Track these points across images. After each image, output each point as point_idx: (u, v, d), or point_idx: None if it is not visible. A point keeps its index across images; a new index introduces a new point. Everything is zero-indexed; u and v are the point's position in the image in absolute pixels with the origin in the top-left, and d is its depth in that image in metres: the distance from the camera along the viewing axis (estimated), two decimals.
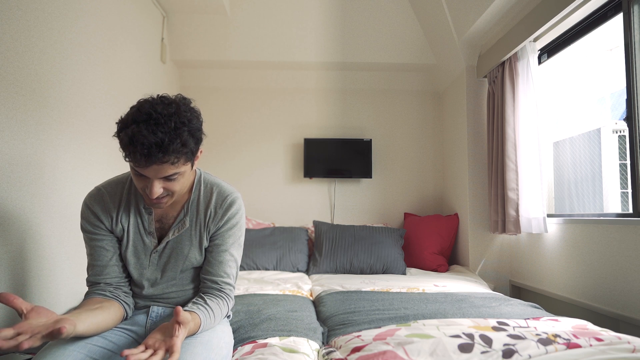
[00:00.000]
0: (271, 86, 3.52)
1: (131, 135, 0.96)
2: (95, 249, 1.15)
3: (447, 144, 3.39)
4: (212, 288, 1.19)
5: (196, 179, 1.22)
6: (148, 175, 1.01)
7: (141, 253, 1.18)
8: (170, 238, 1.18)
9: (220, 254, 1.20)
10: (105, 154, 2.14)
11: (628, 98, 1.87)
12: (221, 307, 1.16)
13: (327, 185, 3.47)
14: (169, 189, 1.05)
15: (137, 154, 0.96)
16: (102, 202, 1.15)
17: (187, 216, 1.19)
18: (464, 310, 1.63)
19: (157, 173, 1.00)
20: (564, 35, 2.30)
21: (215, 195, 1.21)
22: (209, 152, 3.45)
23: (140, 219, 1.17)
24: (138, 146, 0.95)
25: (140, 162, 0.98)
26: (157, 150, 0.96)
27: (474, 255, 2.83)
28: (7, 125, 1.43)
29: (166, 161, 0.99)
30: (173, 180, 1.05)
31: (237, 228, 1.23)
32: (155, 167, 0.99)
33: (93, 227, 1.14)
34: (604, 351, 1.15)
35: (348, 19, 3.24)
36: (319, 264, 2.83)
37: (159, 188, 1.03)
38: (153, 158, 0.97)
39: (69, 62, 1.81)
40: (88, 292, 1.15)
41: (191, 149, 1.04)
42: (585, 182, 2.67)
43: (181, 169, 1.05)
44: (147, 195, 1.04)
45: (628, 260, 1.80)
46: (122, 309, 1.14)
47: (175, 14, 3.09)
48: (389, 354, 1.15)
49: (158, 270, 1.19)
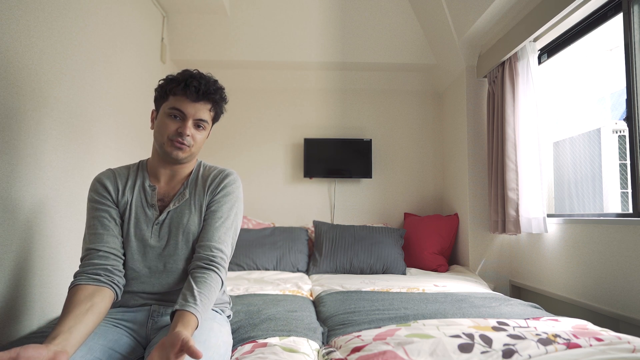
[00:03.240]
0: (271, 86, 3.52)
1: (190, 75, 1.20)
2: (99, 218, 1.19)
3: (447, 144, 3.39)
4: (202, 259, 1.16)
5: (196, 164, 1.34)
6: (188, 113, 1.20)
7: (143, 224, 1.22)
8: (171, 208, 1.24)
9: (216, 220, 1.23)
10: (106, 154, 2.14)
11: (628, 98, 1.87)
12: (212, 284, 1.12)
13: (327, 185, 3.47)
14: (194, 137, 1.22)
15: (193, 87, 1.18)
16: (111, 177, 1.26)
17: (186, 189, 1.27)
18: (464, 310, 1.63)
19: (196, 112, 1.21)
20: (564, 35, 2.30)
21: (214, 172, 1.32)
22: (209, 151, 3.45)
23: (144, 194, 1.25)
24: (195, 82, 1.19)
25: (192, 96, 1.19)
26: (209, 89, 1.21)
27: (474, 255, 2.83)
28: (7, 125, 1.43)
29: (211, 100, 1.23)
30: (200, 129, 1.23)
31: (233, 197, 1.29)
32: (200, 105, 1.21)
33: (100, 197, 1.22)
34: (604, 351, 1.15)
35: (348, 19, 3.24)
36: (319, 264, 2.83)
37: (191, 128, 1.21)
38: (204, 94, 1.20)
39: (69, 62, 1.81)
40: (80, 272, 1.10)
41: (221, 109, 1.29)
42: (585, 182, 2.67)
43: (209, 122, 1.26)
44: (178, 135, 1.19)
45: (628, 260, 1.80)
46: (112, 295, 1.11)
47: (175, 14, 3.10)
48: (389, 354, 1.15)
49: (162, 240, 1.21)
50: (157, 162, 1.27)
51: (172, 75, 1.24)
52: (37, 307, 1.58)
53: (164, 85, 1.23)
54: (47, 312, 1.64)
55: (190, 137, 1.20)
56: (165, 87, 1.22)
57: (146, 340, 1.17)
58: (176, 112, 1.19)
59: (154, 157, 1.27)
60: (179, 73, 1.23)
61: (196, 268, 1.16)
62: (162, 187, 1.27)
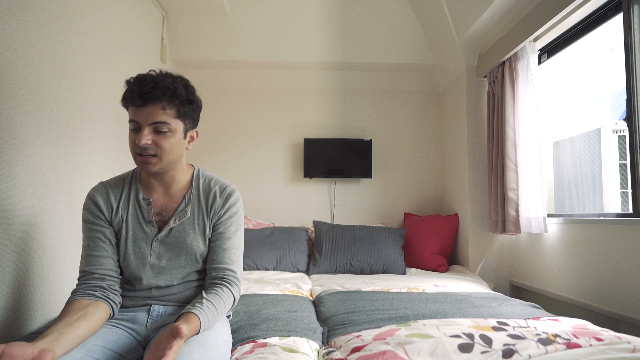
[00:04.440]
0: (271, 86, 3.52)
1: (133, 80, 1.10)
2: (93, 239, 1.17)
3: (447, 144, 3.39)
4: (215, 278, 1.19)
5: (195, 173, 1.29)
6: (140, 121, 1.09)
7: (141, 242, 1.20)
8: (172, 226, 1.20)
9: (224, 242, 1.23)
10: (105, 154, 2.14)
11: (628, 98, 1.87)
12: (224, 297, 1.15)
13: (327, 185, 3.47)
14: (157, 144, 1.11)
15: (135, 93, 1.07)
16: (104, 194, 1.21)
17: (188, 206, 1.23)
18: (464, 310, 1.63)
19: (148, 117, 1.09)
20: (564, 35, 2.30)
21: (214, 186, 1.27)
22: (209, 151, 3.45)
23: (139, 209, 1.21)
24: (136, 86, 1.08)
25: (136, 102, 1.08)
26: (149, 87, 1.07)
27: (474, 255, 2.83)
28: (7, 125, 1.43)
29: (161, 98, 1.08)
30: (162, 135, 1.11)
31: (238, 216, 1.28)
32: (149, 108, 1.08)
33: (94, 217, 1.18)
34: (604, 351, 1.15)
35: (348, 19, 3.24)
36: (319, 264, 2.83)
37: (148, 136, 1.09)
38: (148, 95, 1.07)
39: (69, 62, 1.81)
40: (76, 290, 1.13)
41: (183, 101, 1.13)
42: (585, 182, 2.67)
43: (172, 123, 1.12)
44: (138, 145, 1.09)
45: (628, 260, 1.80)
46: (108, 309, 1.12)
47: (175, 14, 3.10)
48: (389, 354, 1.15)
49: (162, 259, 1.20)
50: (147, 174, 1.22)
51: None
52: (37, 308, 1.58)
53: (122, 98, 1.14)
54: (47, 312, 1.64)
55: (152, 144, 1.10)
56: (123, 102, 1.14)
57: (146, 340, 1.17)
58: (133, 123, 1.11)
59: None
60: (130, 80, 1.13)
61: (209, 285, 1.19)
62: (158, 200, 1.23)
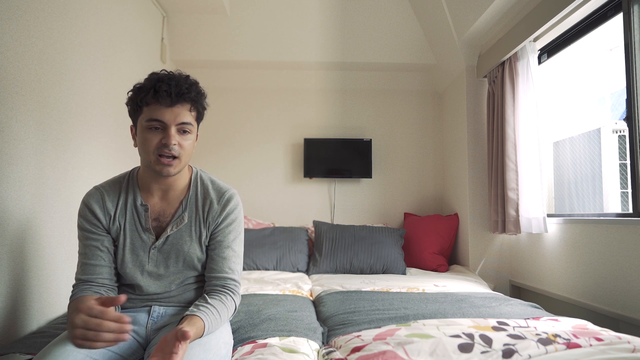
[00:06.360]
0: (271, 86, 3.52)
1: (157, 79, 1.08)
2: (90, 248, 1.15)
3: (447, 144, 3.39)
4: (216, 286, 1.19)
5: (193, 176, 1.25)
6: (168, 121, 1.08)
7: (139, 250, 1.18)
8: (169, 233, 1.18)
9: (223, 250, 1.21)
10: (105, 154, 2.14)
11: (628, 98, 1.87)
12: (226, 304, 1.15)
13: (327, 185, 3.47)
14: (181, 145, 1.11)
15: (164, 92, 1.05)
16: (100, 200, 1.17)
17: (185, 212, 1.20)
18: (464, 310, 1.63)
19: (176, 117, 1.09)
20: (564, 35, 2.30)
21: (212, 192, 1.24)
22: (209, 151, 3.45)
23: (137, 215, 1.18)
24: (164, 85, 1.06)
25: (165, 101, 1.06)
26: (182, 88, 1.07)
27: (474, 255, 2.83)
28: (7, 125, 1.43)
29: (188, 100, 1.09)
30: (185, 136, 1.12)
31: (237, 223, 1.25)
32: (178, 108, 1.08)
33: (90, 225, 1.15)
34: (604, 351, 1.15)
35: (348, 19, 3.24)
36: (319, 264, 2.83)
37: (175, 136, 1.09)
38: (179, 96, 1.07)
39: (69, 62, 1.81)
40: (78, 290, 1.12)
41: (202, 105, 1.16)
42: (585, 182, 2.67)
43: (193, 124, 1.13)
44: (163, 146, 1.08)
45: (628, 260, 1.80)
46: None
47: (175, 14, 3.09)
48: (389, 354, 1.15)
49: (159, 266, 1.19)
50: (148, 177, 1.17)
51: (140, 83, 1.11)
52: (37, 307, 1.58)
53: (133, 97, 1.11)
54: (47, 312, 1.64)
55: (177, 145, 1.09)
56: (135, 99, 1.10)
57: (146, 341, 1.17)
58: (155, 122, 1.08)
59: (145, 171, 1.17)
60: (145, 79, 1.11)
61: (211, 291, 1.18)
62: (156, 205, 1.19)
